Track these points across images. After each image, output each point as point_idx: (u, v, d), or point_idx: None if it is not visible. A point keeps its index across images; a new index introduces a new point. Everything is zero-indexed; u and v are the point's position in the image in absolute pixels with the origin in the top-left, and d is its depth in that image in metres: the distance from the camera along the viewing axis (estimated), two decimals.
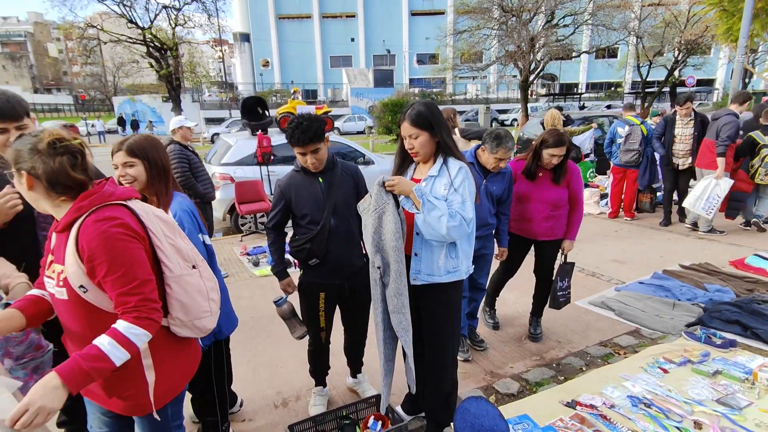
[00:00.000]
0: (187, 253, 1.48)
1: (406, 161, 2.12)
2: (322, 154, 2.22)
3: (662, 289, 4.03)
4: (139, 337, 1.27)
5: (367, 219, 1.97)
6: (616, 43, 23.08)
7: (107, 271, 1.26)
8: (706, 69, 32.08)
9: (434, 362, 2.18)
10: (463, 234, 1.89)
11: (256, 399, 2.75)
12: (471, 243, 2.09)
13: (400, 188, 1.86)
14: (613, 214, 6.72)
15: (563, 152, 2.99)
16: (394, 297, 1.95)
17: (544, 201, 3.10)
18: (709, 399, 2.48)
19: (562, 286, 3.21)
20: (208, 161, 6.80)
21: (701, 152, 5.70)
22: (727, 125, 5.30)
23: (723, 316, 3.34)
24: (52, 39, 74.11)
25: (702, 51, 27.10)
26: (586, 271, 4.65)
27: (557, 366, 2.99)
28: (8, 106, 1.79)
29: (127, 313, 1.27)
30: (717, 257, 4.82)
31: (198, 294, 1.47)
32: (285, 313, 2.46)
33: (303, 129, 2.10)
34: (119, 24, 23.89)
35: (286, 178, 2.33)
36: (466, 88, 42.80)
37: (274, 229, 2.41)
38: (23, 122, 1.84)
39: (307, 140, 2.12)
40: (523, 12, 19.36)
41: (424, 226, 1.86)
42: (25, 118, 1.85)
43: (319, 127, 2.14)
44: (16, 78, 59.46)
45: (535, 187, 3.13)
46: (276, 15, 45.36)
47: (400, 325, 1.98)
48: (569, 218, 3.16)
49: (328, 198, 2.25)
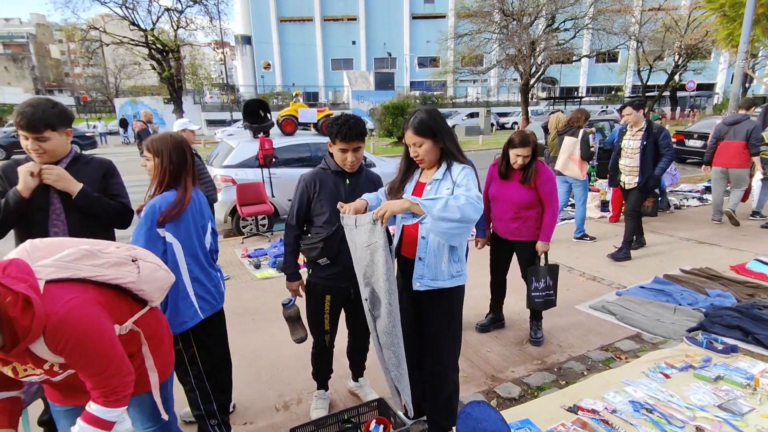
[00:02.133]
0: (120, 256, 1.44)
1: (412, 167, 2.15)
2: (361, 154, 2.25)
3: (663, 293, 4.03)
4: (114, 415, 1.31)
5: (355, 245, 1.97)
6: (617, 47, 23.13)
7: (79, 365, 1.26)
8: (706, 73, 32.21)
9: (435, 366, 2.18)
10: (478, 210, 1.79)
11: (258, 402, 2.75)
12: (465, 243, 2.10)
13: (392, 209, 1.80)
14: (614, 218, 6.72)
15: (528, 152, 3.08)
16: (385, 335, 1.94)
17: (510, 201, 3.21)
18: (710, 404, 2.48)
19: (537, 287, 3.23)
20: (210, 163, 6.81)
21: (731, 154, 6.12)
22: (757, 128, 5.98)
23: (724, 321, 3.34)
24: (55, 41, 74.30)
25: (702, 56, 27.19)
26: (586, 275, 4.66)
27: (559, 370, 2.99)
28: (32, 120, 1.93)
29: (99, 397, 1.29)
30: (718, 262, 4.82)
31: (157, 271, 1.55)
32: (291, 316, 2.46)
33: (350, 126, 2.14)
34: (122, 26, 23.93)
35: (311, 174, 2.32)
36: (467, 91, 42.89)
37: (297, 226, 2.37)
38: (43, 135, 1.96)
39: (354, 136, 2.16)
40: (523, 16, 19.42)
41: (437, 224, 1.77)
42: (47, 131, 1.96)
43: (363, 126, 2.20)
44: (17, 79, 59.62)
45: (504, 187, 3.25)
46: (277, 17, 45.48)
47: (390, 361, 1.99)
48: (542, 220, 3.21)
49: (348, 201, 2.25)
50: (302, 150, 6.99)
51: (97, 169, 2.18)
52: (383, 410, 2.35)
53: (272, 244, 5.80)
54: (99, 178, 2.16)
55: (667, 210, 7.13)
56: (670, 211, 7.16)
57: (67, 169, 2.06)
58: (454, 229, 1.79)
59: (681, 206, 7.57)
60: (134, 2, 22.37)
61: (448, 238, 1.87)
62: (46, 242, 1.35)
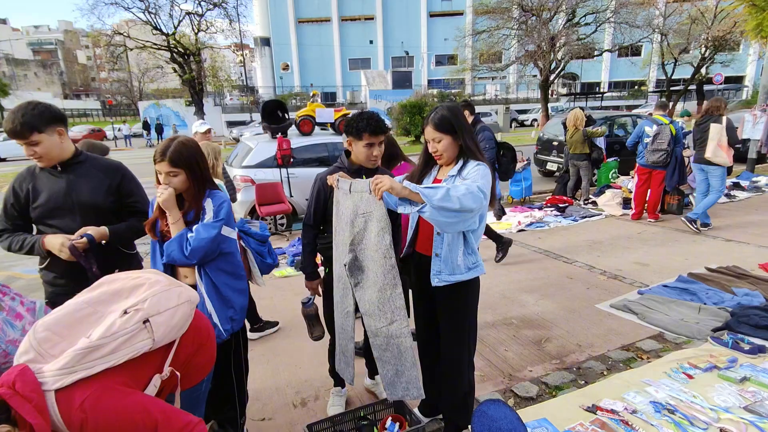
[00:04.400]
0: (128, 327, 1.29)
1: (430, 163, 2.16)
2: (383, 149, 2.26)
3: (687, 292, 3.93)
4: None
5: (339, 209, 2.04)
6: (640, 40, 22.61)
7: None
8: (734, 66, 31.13)
9: (450, 363, 2.18)
10: (479, 201, 1.78)
11: (276, 398, 2.79)
12: (478, 237, 2.08)
13: (390, 185, 1.75)
14: (636, 216, 6.57)
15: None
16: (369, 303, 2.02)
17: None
18: (736, 406, 2.41)
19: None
20: (230, 164, 6.93)
21: None
22: None
23: (752, 321, 3.23)
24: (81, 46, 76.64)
25: (730, 47, 26.33)
26: (608, 273, 4.57)
27: (578, 370, 2.94)
28: (14, 126, 1.90)
29: None
30: (745, 260, 4.67)
31: (172, 318, 1.39)
32: (310, 314, 2.50)
33: (377, 119, 2.17)
34: (144, 31, 24.56)
35: (326, 173, 2.33)
36: (485, 88, 42.47)
37: (315, 226, 2.39)
38: (31, 139, 1.91)
39: (380, 130, 2.17)
40: (543, 11, 19.16)
41: (435, 214, 1.73)
42: (33, 134, 1.91)
43: (383, 120, 2.22)
44: (47, 84, 61.69)
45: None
46: (296, 19, 45.85)
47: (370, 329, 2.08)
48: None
49: None
50: (320, 150, 7.05)
51: (107, 173, 2.13)
52: (399, 408, 2.36)
53: (290, 243, 5.87)
54: (111, 185, 2.13)
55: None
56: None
57: (68, 172, 2.05)
58: (452, 218, 1.77)
59: None
60: (156, 7, 22.94)
61: (445, 227, 1.86)
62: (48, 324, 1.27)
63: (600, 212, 6.98)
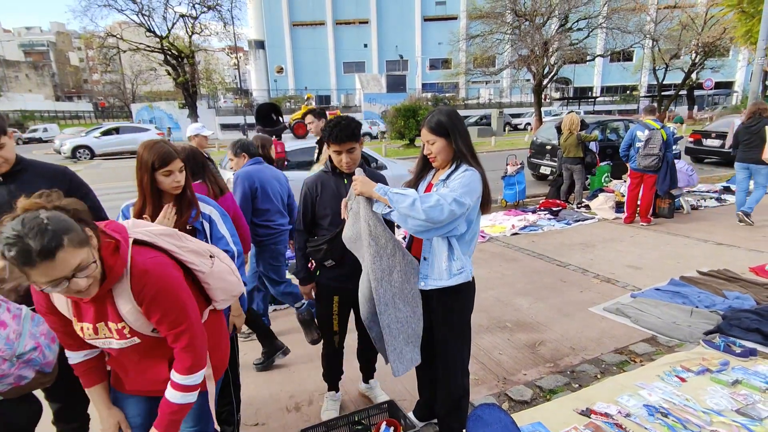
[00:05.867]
0: (200, 247, 1.58)
1: (426, 167, 2.17)
2: (357, 155, 2.26)
3: (679, 295, 3.96)
4: (199, 377, 1.45)
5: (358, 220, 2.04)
6: (632, 46, 22.83)
7: (158, 315, 1.38)
8: (724, 71, 31.55)
9: (445, 369, 2.17)
10: (446, 213, 1.77)
11: (269, 403, 2.77)
12: (468, 243, 2.06)
13: (363, 188, 1.89)
14: (628, 219, 6.63)
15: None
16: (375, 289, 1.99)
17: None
18: (728, 409, 2.43)
19: None
20: (224, 167, 6.89)
21: None
22: None
23: (743, 324, 3.26)
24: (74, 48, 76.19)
25: (720, 53, 26.71)
26: (601, 277, 4.60)
27: (572, 373, 2.95)
28: None
29: (179, 361, 1.43)
30: (736, 263, 4.72)
31: (228, 275, 1.65)
32: (305, 318, 2.49)
33: (342, 127, 2.16)
34: (138, 33, 24.45)
35: (313, 177, 2.37)
36: (479, 92, 42.72)
37: (305, 230, 2.41)
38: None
39: (344, 138, 2.17)
40: (536, 16, 19.30)
41: (402, 220, 1.81)
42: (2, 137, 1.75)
43: (356, 126, 2.21)
44: (38, 86, 61.23)
45: None
46: (290, 22, 45.91)
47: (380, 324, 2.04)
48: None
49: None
50: (314, 153, 7.03)
51: (53, 180, 1.87)
52: (393, 412, 2.35)
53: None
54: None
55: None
56: (686, 212, 7.03)
57: (8, 182, 1.83)
58: (420, 227, 1.80)
59: (698, 207, 7.43)
60: (150, 9, 22.82)
61: (420, 233, 1.87)
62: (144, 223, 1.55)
63: (593, 216, 7.03)
